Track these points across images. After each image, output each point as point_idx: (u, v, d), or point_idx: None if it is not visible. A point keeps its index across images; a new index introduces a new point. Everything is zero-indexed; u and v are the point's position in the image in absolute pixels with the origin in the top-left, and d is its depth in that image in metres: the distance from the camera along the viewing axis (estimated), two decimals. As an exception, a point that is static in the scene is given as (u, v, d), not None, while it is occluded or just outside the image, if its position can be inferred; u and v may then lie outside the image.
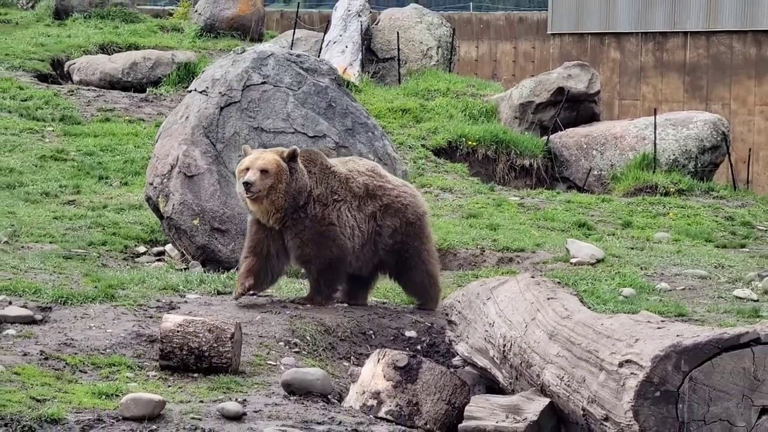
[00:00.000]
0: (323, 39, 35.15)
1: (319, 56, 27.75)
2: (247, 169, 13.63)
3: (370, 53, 35.45)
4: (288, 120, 18.55)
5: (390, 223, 14.48)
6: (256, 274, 14.04)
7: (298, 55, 19.64)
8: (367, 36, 35.22)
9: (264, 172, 13.57)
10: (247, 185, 13.50)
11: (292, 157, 13.81)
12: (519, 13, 48.72)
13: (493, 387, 12.02)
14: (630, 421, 9.06)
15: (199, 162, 18.07)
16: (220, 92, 18.43)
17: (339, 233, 14.04)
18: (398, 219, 14.53)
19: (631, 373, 9.18)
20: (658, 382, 8.99)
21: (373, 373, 11.54)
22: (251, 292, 14.23)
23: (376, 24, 36.35)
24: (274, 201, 13.69)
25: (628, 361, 9.30)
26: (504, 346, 11.39)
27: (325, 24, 37.05)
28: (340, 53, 33.86)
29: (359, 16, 35.23)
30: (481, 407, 10.78)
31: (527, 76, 35.78)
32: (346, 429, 10.53)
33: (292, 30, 36.71)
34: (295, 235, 13.94)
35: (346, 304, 14.70)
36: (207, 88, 18.60)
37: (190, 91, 19.18)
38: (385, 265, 14.75)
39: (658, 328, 9.68)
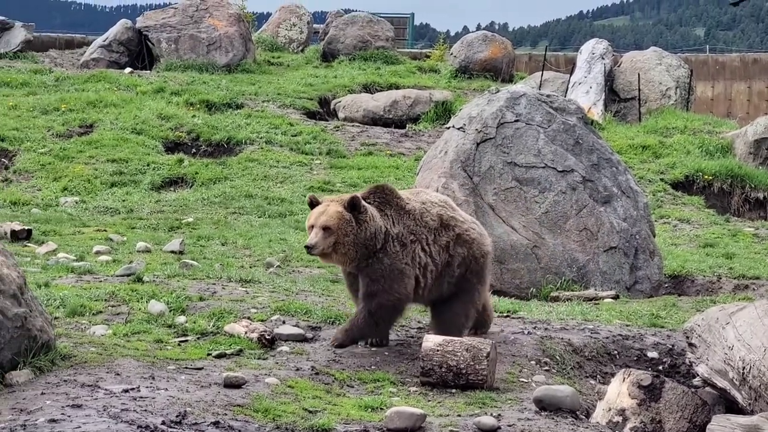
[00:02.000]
0: (569, 80, 35.08)
1: (565, 96, 27.65)
2: (311, 227, 12.40)
3: (612, 93, 35.22)
4: (539, 155, 18.59)
5: (461, 251, 13.06)
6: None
7: (548, 95, 19.67)
8: (609, 77, 34.97)
9: (326, 229, 12.26)
10: (308, 249, 12.33)
11: (353, 207, 12.42)
12: (753, 55, 47.63)
13: (732, 407, 11.71)
14: None
15: (457, 194, 18.20)
16: (476, 129, 18.61)
17: (410, 274, 12.70)
18: (466, 250, 13.11)
19: None
20: None
21: (619, 392, 11.42)
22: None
23: (618, 66, 36.08)
24: (345, 254, 12.44)
25: None
26: (743, 368, 11.11)
27: (571, 66, 36.98)
28: (585, 93, 33.70)
29: (603, 58, 35.04)
30: (722, 426, 10.52)
31: (761, 114, 34.96)
32: (595, 445, 10.45)
33: (541, 72, 36.72)
34: (370, 272, 12.61)
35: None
36: (464, 125, 18.79)
37: (449, 128, 19.38)
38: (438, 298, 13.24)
39: None
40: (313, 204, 12.53)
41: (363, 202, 12.49)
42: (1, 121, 27.45)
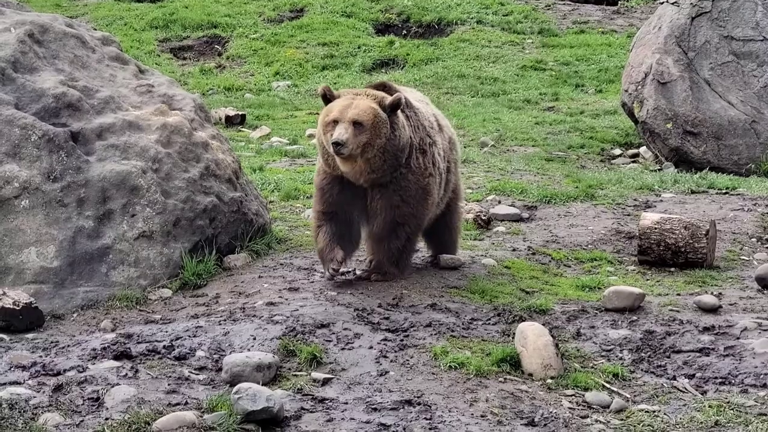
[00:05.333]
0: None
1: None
2: (335, 121, 10.02)
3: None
4: (757, 28, 17.90)
5: (453, 157, 11.21)
6: (342, 245, 10.46)
7: (767, -34, 18.86)
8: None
9: (357, 125, 9.96)
10: (338, 146, 9.86)
11: (395, 107, 10.19)
12: None
13: None
14: None
15: (671, 69, 17.75)
16: (691, 3, 18.03)
17: (435, 186, 10.66)
18: (455, 153, 11.35)
19: None
20: None
21: None
22: (342, 270, 10.54)
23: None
24: (369, 160, 10.13)
25: None
26: None
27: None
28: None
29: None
30: None
31: None
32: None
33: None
34: (393, 192, 10.35)
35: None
36: (679, -1, 18.27)
37: (662, 3, 18.82)
38: None
39: None
40: (328, 97, 10.27)
41: (406, 101, 10.44)
42: (213, 8, 27.80)
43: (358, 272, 10.76)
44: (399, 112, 10.23)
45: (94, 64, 11.92)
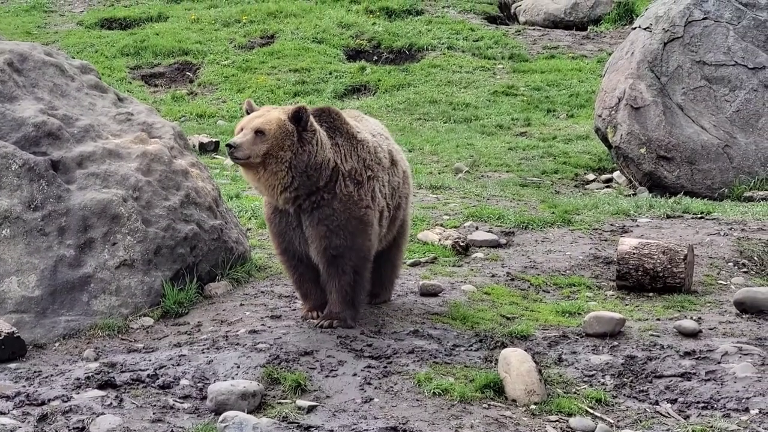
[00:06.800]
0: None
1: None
2: (242, 129, 9.81)
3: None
4: (729, 53, 18.06)
5: (406, 192, 10.84)
6: (314, 285, 10.28)
7: (737, -10, 19.05)
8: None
9: (259, 133, 9.68)
10: (230, 148, 9.60)
11: (297, 118, 9.79)
12: None
13: None
14: None
15: (644, 94, 17.87)
16: (663, 28, 18.18)
17: (374, 219, 10.18)
18: (408, 188, 10.95)
19: None
20: None
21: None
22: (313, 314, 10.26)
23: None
24: (276, 174, 9.76)
25: None
26: None
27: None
28: (771, -13, 32.56)
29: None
30: None
31: None
32: (799, 348, 10.17)
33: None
34: (318, 222, 9.95)
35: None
36: (651, 24, 18.39)
37: (635, 28, 18.99)
38: None
39: None
40: (250, 111, 10.04)
41: (312, 119, 9.95)
42: (184, 35, 27.81)
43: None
44: (316, 131, 9.89)
45: (73, 92, 11.91)
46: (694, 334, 10.26)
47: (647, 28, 18.38)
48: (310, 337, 9.71)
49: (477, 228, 13.65)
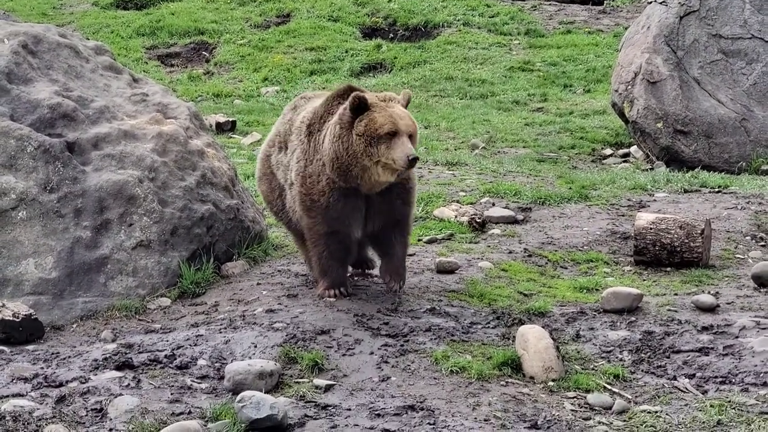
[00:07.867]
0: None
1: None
2: (391, 134, 9.69)
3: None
4: (745, 26, 17.96)
5: None
6: (345, 265, 10.46)
7: (754, -38, 18.93)
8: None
9: (411, 137, 9.80)
10: (416, 161, 9.68)
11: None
12: None
13: None
14: None
15: (661, 69, 17.80)
16: (679, 2, 18.09)
17: None
18: None
19: None
20: None
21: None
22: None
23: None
24: None
25: None
26: None
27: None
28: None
29: None
30: None
31: None
32: (818, 322, 10.11)
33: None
34: (396, 197, 10.16)
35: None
36: (666, -2, 18.34)
37: (651, 2, 18.89)
38: None
39: None
40: (362, 106, 9.80)
41: None
42: (200, 14, 27.77)
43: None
44: None
45: (88, 74, 11.91)
46: (711, 309, 10.21)
47: (663, 2, 18.28)
48: (327, 316, 9.69)
49: (494, 204, 13.58)
